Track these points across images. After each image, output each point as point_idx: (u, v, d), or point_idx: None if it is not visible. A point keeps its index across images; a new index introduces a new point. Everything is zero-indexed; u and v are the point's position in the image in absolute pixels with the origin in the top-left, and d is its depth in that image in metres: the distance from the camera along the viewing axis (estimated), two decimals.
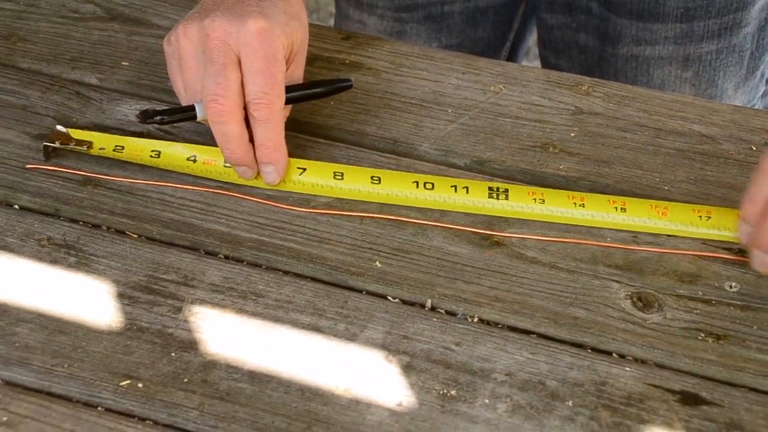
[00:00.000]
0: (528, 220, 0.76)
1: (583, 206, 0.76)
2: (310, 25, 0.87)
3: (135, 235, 0.75)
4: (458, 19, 1.08)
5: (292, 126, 0.83)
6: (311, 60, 0.88)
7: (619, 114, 0.85)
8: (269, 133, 0.76)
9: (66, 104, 0.84)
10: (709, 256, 0.74)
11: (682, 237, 0.75)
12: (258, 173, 0.77)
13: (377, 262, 0.74)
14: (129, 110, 0.84)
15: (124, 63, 0.88)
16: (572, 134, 0.83)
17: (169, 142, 0.79)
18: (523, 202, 0.76)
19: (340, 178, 0.78)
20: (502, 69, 0.89)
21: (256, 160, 0.77)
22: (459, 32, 1.09)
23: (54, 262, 0.73)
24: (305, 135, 0.83)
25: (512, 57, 1.16)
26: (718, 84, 1.04)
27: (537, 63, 1.15)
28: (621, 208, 0.76)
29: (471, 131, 0.83)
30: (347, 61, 0.89)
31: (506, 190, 0.77)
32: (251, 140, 0.76)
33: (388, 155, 0.81)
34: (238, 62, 0.75)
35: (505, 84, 0.87)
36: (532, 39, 1.19)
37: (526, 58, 1.27)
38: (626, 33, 1.02)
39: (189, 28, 0.76)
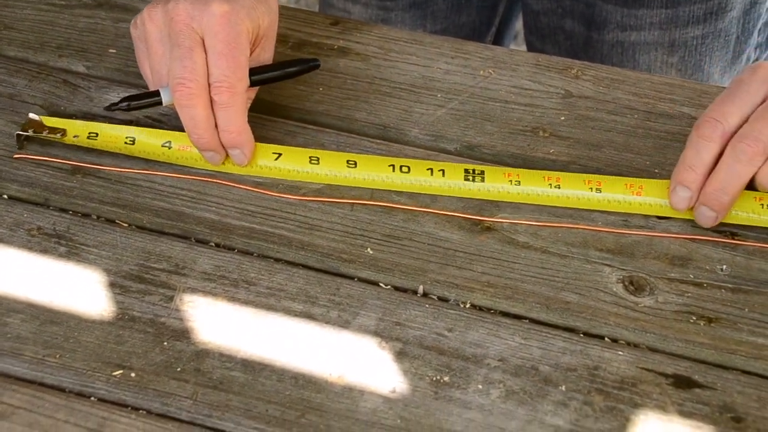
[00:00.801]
0: (511, 202, 0.76)
1: (559, 186, 0.76)
2: (298, 10, 0.86)
3: (125, 224, 0.75)
4: (443, 5, 1.08)
5: (281, 112, 0.83)
6: (300, 45, 0.88)
7: (608, 97, 0.85)
8: (231, 117, 0.75)
9: (53, 92, 0.84)
10: (699, 239, 0.75)
11: (673, 219, 0.75)
12: (227, 157, 0.77)
13: (368, 249, 0.73)
14: (117, 98, 0.83)
15: (111, 50, 0.88)
16: (562, 118, 0.83)
17: (144, 128, 0.79)
18: (498, 184, 0.76)
19: (315, 162, 0.77)
20: (491, 53, 0.88)
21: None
22: (444, 18, 1.08)
23: (44, 251, 0.73)
24: (293, 121, 0.83)
25: (498, 42, 1.16)
26: (704, 69, 1.04)
27: (524, 48, 1.15)
28: (596, 188, 0.76)
29: (461, 116, 0.83)
30: (335, 47, 0.88)
31: (482, 172, 0.77)
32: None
33: (378, 141, 0.81)
34: (203, 45, 0.75)
35: (495, 68, 0.87)
36: (519, 23, 1.18)
37: (514, 42, 1.26)
38: (612, 18, 1.02)
39: (154, 12, 0.76)
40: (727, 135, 0.73)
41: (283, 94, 0.84)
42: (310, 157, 0.78)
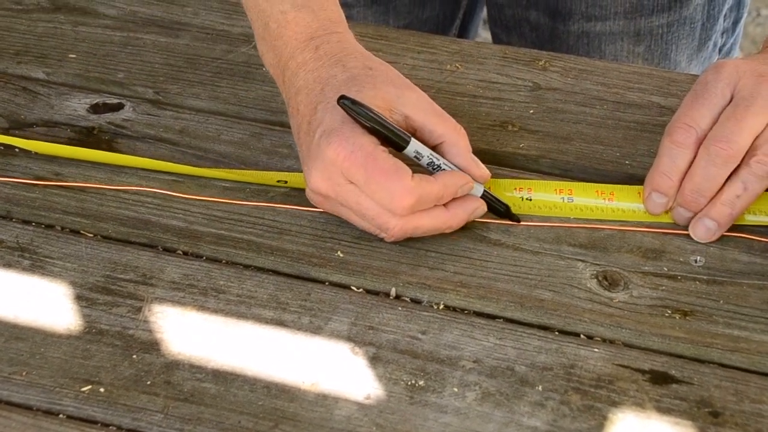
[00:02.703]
0: None
1: (530, 199, 0.75)
2: None
3: (90, 235, 0.73)
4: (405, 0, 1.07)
5: (246, 114, 0.82)
6: None
7: (577, 88, 0.84)
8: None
9: (12, 101, 0.82)
10: (672, 232, 0.74)
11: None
12: None
13: (339, 252, 0.72)
14: (78, 104, 0.82)
15: (71, 55, 0.86)
16: (531, 111, 0.83)
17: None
18: None
19: (283, 182, 0.76)
20: (458, 47, 0.87)
21: None
22: (407, 13, 1.07)
23: (7, 265, 0.71)
24: (260, 123, 0.81)
25: (462, 36, 1.15)
26: (671, 57, 1.03)
27: (489, 40, 1.14)
28: (568, 198, 0.75)
29: None
30: None
31: None
32: None
33: None
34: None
35: (462, 62, 0.86)
36: (483, 16, 1.17)
37: (480, 34, 1.26)
38: (576, 9, 1.01)
39: (331, 176, 0.70)
40: (701, 139, 0.73)
41: (249, 96, 0.83)
42: (278, 181, 0.76)
